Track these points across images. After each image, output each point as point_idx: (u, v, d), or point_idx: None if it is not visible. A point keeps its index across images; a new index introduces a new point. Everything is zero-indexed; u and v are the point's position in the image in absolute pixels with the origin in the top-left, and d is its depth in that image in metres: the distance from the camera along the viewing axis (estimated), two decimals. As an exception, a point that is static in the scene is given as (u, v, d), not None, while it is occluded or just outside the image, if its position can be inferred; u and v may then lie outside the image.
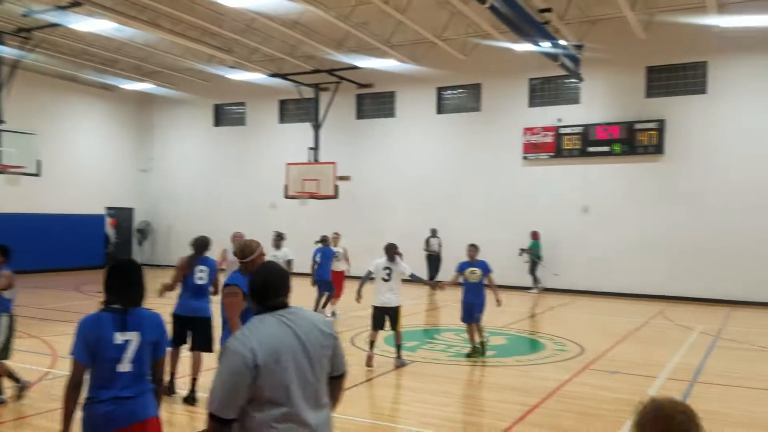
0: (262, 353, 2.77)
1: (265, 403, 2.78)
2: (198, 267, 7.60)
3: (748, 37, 16.92)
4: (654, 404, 2.10)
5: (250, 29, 19.93)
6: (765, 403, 7.75)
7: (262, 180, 24.56)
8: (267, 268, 3.18)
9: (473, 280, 9.93)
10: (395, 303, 9.36)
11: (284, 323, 2.93)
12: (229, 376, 2.76)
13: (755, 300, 16.78)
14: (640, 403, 2.15)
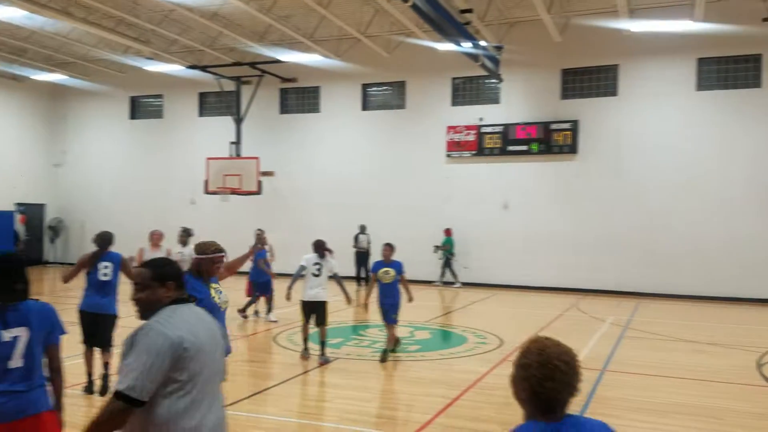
0: (188, 339, 2.79)
1: (176, 390, 2.75)
2: (102, 263, 7.49)
3: (657, 41, 17.86)
4: (539, 348, 2.18)
5: (168, 20, 19.35)
6: (667, 390, 8.23)
7: (181, 175, 23.90)
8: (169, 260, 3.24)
9: (386, 280, 9.63)
10: (324, 298, 9.55)
11: (198, 314, 3.01)
12: (151, 356, 2.69)
13: (662, 292, 17.77)
14: (526, 343, 2.23)
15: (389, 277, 9.61)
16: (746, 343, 11.40)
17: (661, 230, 17.98)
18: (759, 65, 17.31)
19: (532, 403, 2.16)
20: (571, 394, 2.16)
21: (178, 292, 3.02)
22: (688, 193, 17.75)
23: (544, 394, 2.13)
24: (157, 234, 10.38)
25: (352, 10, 18.23)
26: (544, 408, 2.14)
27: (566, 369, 2.15)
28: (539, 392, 2.13)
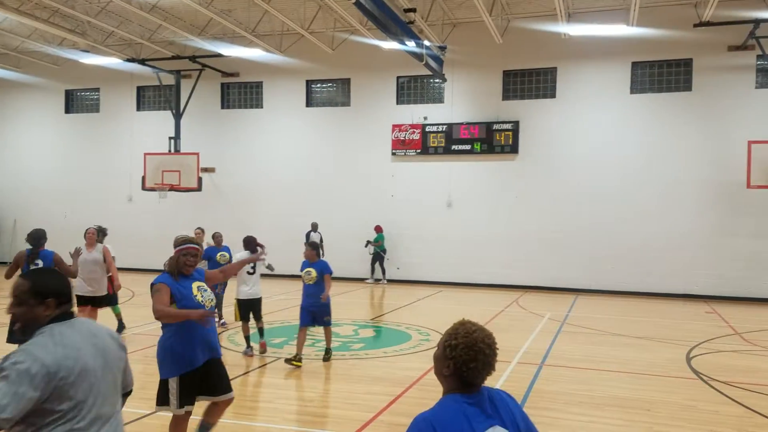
0: (66, 365, 2.54)
1: (57, 420, 2.53)
2: (35, 261, 7.81)
3: (593, 45, 18.40)
4: (466, 332, 2.35)
5: (105, 11, 18.75)
6: (603, 383, 8.50)
7: (118, 171, 23.22)
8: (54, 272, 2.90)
9: (308, 281, 9.11)
10: (260, 294, 9.59)
11: (84, 331, 2.72)
12: (22, 385, 2.42)
13: (598, 288, 18.34)
14: (453, 325, 2.41)
15: (310, 278, 9.08)
16: (677, 337, 11.88)
17: (597, 228, 18.54)
18: (690, 69, 18.05)
19: (455, 379, 2.34)
20: (489, 373, 2.36)
21: (61, 309, 2.71)
22: (623, 193, 18.36)
23: (468, 373, 2.31)
24: (92, 232, 10.03)
25: (295, 5, 18.07)
26: (465, 384, 2.33)
27: (489, 351, 2.35)
28: (463, 371, 2.31)
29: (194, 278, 5.19)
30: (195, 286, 5.12)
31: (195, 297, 5.04)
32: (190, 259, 5.14)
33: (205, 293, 5.13)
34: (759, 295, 17.17)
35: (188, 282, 5.12)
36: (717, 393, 7.99)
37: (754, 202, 17.15)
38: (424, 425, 2.24)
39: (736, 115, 17.51)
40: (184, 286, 5.05)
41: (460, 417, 2.26)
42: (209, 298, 5.14)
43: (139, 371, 8.54)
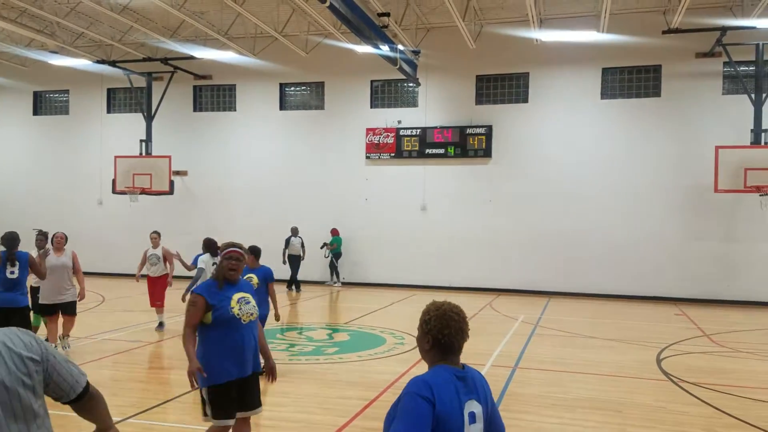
0: None
1: None
2: (13, 263, 8.06)
3: (564, 50, 18.62)
4: (436, 306, 2.72)
5: (75, 12, 18.46)
6: (575, 385, 8.58)
7: (88, 174, 22.86)
8: None
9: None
10: None
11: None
12: None
13: (571, 290, 18.54)
14: (426, 306, 2.75)
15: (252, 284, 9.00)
16: (647, 338, 12.05)
17: (569, 232, 18.75)
18: (659, 75, 18.38)
19: (435, 350, 2.66)
20: (463, 339, 2.69)
21: None
22: (595, 196, 18.60)
23: (444, 340, 2.64)
24: (60, 237, 9.75)
25: (268, 8, 17.99)
26: (445, 352, 2.65)
27: (458, 318, 2.68)
28: (439, 339, 2.64)
29: (240, 287, 4.84)
30: (236, 297, 4.74)
31: (231, 309, 4.68)
32: (233, 264, 4.77)
33: (246, 306, 4.75)
34: (726, 297, 17.51)
35: (231, 291, 4.76)
36: (686, 394, 8.11)
37: (721, 206, 17.50)
38: (422, 384, 2.51)
39: (704, 120, 17.86)
40: (224, 296, 4.71)
41: (451, 384, 2.56)
42: (248, 311, 4.75)
43: (107, 377, 8.41)
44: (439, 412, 2.45)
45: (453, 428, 2.47)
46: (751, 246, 17.49)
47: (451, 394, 2.52)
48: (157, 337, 11.42)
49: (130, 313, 13.67)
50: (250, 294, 4.88)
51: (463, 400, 2.55)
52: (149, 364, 9.64)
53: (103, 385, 7.81)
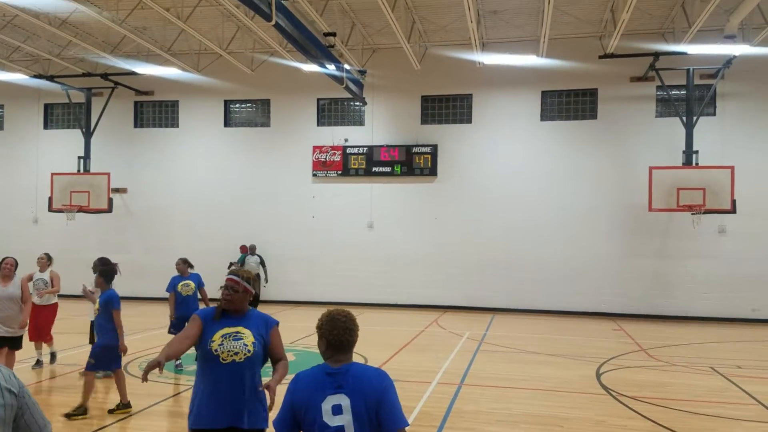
0: None
1: None
2: None
3: (506, 73, 19.11)
4: (328, 313, 3.10)
5: (11, 26, 17.88)
6: (519, 401, 8.71)
7: (23, 191, 22.01)
8: None
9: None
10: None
11: None
12: None
13: (514, 307, 18.85)
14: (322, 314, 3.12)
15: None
16: (587, 354, 12.35)
17: (512, 249, 19.10)
18: (595, 98, 19.05)
19: (329, 351, 3.04)
20: (352, 336, 3.07)
21: None
22: (535, 215, 19.04)
23: (333, 339, 3.02)
24: (11, 263, 8.57)
25: (213, 25, 17.84)
26: (335, 352, 3.03)
27: (344, 319, 3.07)
28: (330, 339, 3.03)
29: (239, 321, 4.17)
30: (222, 332, 4.10)
31: (210, 343, 4.05)
32: (225, 293, 4.20)
33: (230, 342, 4.06)
34: (662, 312, 18.14)
35: (224, 324, 4.14)
36: (625, 408, 8.34)
37: (656, 224, 18.17)
38: (293, 380, 3.06)
39: (639, 142, 18.57)
40: (212, 329, 4.13)
41: (316, 381, 2.97)
42: (230, 349, 4.03)
43: (41, 403, 8.04)
44: (294, 402, 2.95)
45: (310, 417, 2.90)
46: (684, 262, 18.19)
47: (311, 388, 2.96)
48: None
49: (65, 336, 13.15)
50: (252, 331, 4.15)
51: (326, 394, 2.93)
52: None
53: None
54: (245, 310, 4.25)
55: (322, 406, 2.88)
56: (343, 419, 2.85)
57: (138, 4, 15.56)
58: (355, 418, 2.87)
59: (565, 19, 17.13)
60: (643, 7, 15.96)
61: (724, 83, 17.83)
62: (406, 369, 10.54)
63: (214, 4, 16.32)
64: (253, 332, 4.15)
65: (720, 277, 17.92)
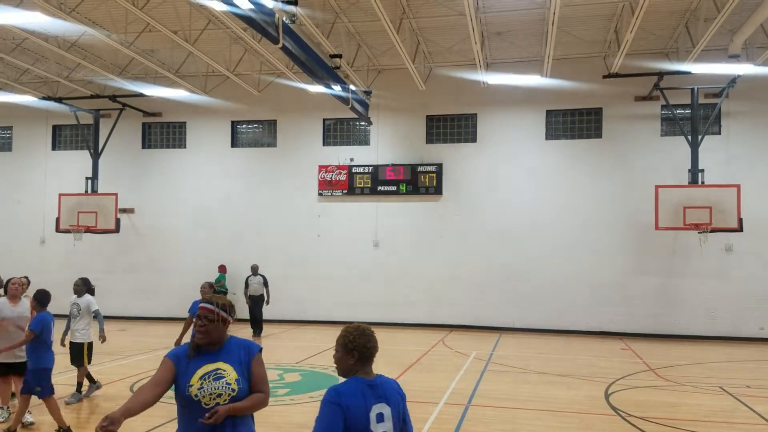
0: None
1: None
2: None
3: (510, 93, 19.22)
4: (356, 327, 3.28)
5: (21, 48, 18.13)
6: (527, 422, 8.65)
7: (30, 212, 22.15)
8: None
9: None
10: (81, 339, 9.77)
11: None
12: None
13: (521, 326, 18.77)
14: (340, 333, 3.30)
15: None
16: (595, 374, 12.27)
17: (518, 268, 19.06)
18: (600, 118, 19.11)
19: (358, 364, 3.23)
20: (377, 349, 3.29)
21: None
22: (541, 234, 19.02)
23: (367, 352, 3.24)
24: (19, 283, 8.14)
25: (220, 48, 18.05)
26: (364, 364, 3.24)
27: (370, 332, 3.30)
28: (364, 352, 3.22)
29: (217, 356, 3.70)
30: (201, 372, 3.60)
31: (189, 388, 3.56)
32: (198, 324, 3.70)
33: (212, 383, 3.59)
34: (668, 331, 18.02)
35: (202, 362, 3.65)
36: (634, 429, 8.27)
37: (662, 243, 18.12)
38: (334, 393, 3.12)
39: (644, 161, 18.59)
40: (189, 369, 3.62)
41: (360, 392, 3.14)
42: (212, 391, 3.57)
43: (47, 423, 8.03)
44: (347, 414, 3.06)
45: (360, 426, 3.07)
46: (690, 281, 18.11)
47: (358, 399, 3.11)
48: (104, 380, 11.01)
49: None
50: (233, 366, 3.68)
51: (370, 404, 3.13)
52: (90, 409, 9.26)
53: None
54: (223, 341, 3.75)
55: (370, 415, 3.12)
56: (385, 426, 3.15)
57: (146, 27, 15.77)
58: (394, 423, 3.20)
59: (569, 40, 17.27)
60: (647, 27, 16.08)
61: (729, 102, 17.89)
62: (413, 389, 10.48)
63: (221, 28, 16.53)
64: (236, 367, 3.67)
65: (727, 296, 17.82)
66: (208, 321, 3.69)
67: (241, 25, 14.45)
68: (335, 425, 3.04)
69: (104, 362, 12.77)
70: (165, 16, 15.34)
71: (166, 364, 3.64)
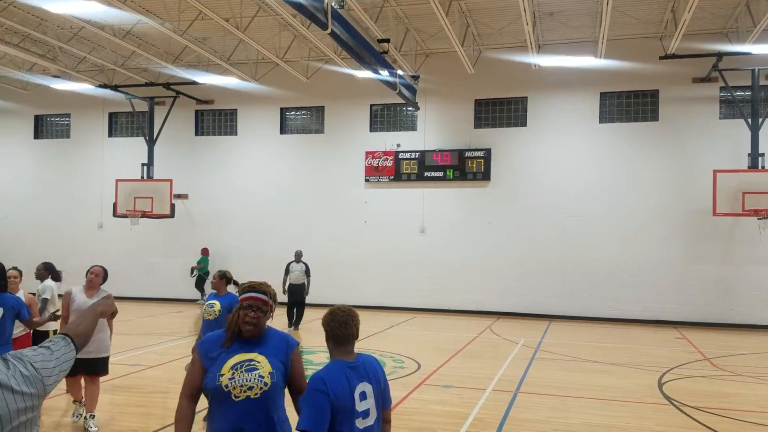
0: None
1: None
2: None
3: (562, 75, 18.82)
4: (330, 310, 3.34)
5: (78, 37, 18.67)
6: (577, 410, 8.55)
7: (88, 197, 22.92)
8: None
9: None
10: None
11: None
12: None
13: (571, 314, 18.51)
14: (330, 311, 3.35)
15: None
16: (648, 363, 12.02)
17: (569, 254, 18.76)
18: (656, 100, 18.55)
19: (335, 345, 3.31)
20: (351, 330, 3.32)
21: None
22: (593, 219, 18.65)
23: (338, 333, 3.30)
24: (94, 272, 7.29)
25: (270, 35, 18.21)
26: (340, 345, 3.31)
27: (341, 314, 3.32)
28: (336, 336, 3.30)
29: (254, 346, 3.44)
30: (233, 361, 3.35)
31: (219, 377, 3.31)
32: (250, 315, 3.43)
33: (244, 375, 3.32)
34: (726, 320, 17.48)
35: (237, 351, 3.40)
36: (688, 419, 8.09)
37: (719, 229, 17.55)
38: (318, 380, 3.14)
39: (702, 144, 17.99)
40: (221, 358, 3.38)
41: (343, 375, 3.20)
42: (244, 383, 3.30)
43: (106, 402, 8.36)
44: (334, 399, 3.11)
45: (347, 407, 3.15)
46: (749, 269, 17.50)
47: (342, 382, 3.17)
48: (157, 361, 11.38)
49: (128, 337, 13.63)
50: (269, 359, 3.42)
51: (354, 385, 3.21)
52: (149, 388, 9.59)
53: (102, 410, 7.79)
54: (263, 331, 3.52)
55: (354, 395, 3.21)
56: (367, 403, 3.25)
57: (198, 15, 16.02)
58: (375, 399, 3.30)
59: (625, 20, 16.78)
60: (705, 7, 15.48)
61: (793, 83, 17.11)
62: (460, 375, 10.49)
63: (271, 14, 16.66)
64: (271, 359, 3.41)
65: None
66: (262, 312, 3.47)
67: (290, 11, 14.55)
68: (323, 414, 3.08)
69: (162, 342, 13.18)
70: (217, 4, 15.55)
71: (195, 362, 3.46)
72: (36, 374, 2.18)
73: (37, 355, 2.25)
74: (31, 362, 2.20)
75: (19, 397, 2.08)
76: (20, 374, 2.13)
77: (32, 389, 2.14)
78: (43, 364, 2.23)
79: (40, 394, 2.18)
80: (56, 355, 2.31)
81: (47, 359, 2.26)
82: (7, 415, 2.03)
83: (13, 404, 2.05)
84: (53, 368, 2.27)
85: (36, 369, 2.19)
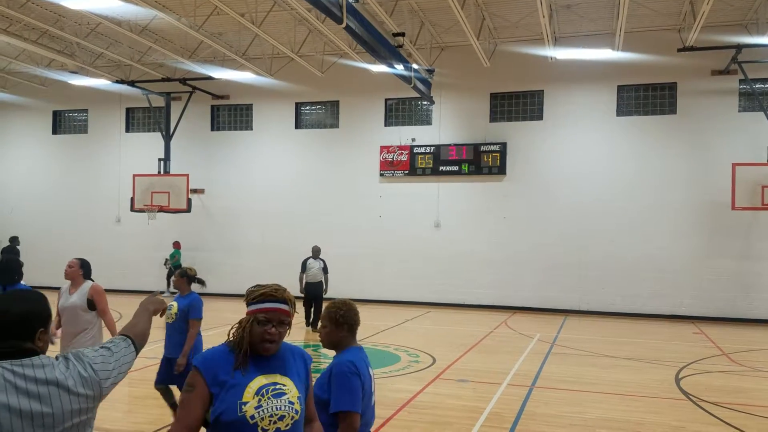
0: None
1: None
2: None
3: (579, 68, 18.66)
4: (343, 303, 3.59)
5: (95, 33, 18.81)
6: (593, 405, 8.51)
7: (106, 192, 23.13)
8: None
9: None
10: None
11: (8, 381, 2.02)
12: None
13: (587, 309, 18.40)
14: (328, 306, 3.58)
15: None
16: (665, 358, 11.93)
17: (585, 249, 18.64)
18: (675, 93, 18.34)
19: (350, 336, 3.55)
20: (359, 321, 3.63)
21: None
22: (610, 214, 18.51)
23: (355, 324, 3.57)
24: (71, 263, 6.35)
25: (285, 29, 18.23)
26: (354, 335, 3.57)
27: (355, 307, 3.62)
28: (353, 324, 3.56)
29: (275, 366, 2.71)
30: (255, 386, 2.60)
31: (242, 407, 2.54)
32: (271, 332, 2.67)
33: (272, 402, 2.59)
34: (744, 315, 17.30)
35: (254, 373, 2.64)
36: (706, 414, 8.02)
37: (738, 223, 17.35)
38: (348, 363, 3.34)
39: (721, 138, 17.77)
40: (236, 382, 2.58)
41: (363, 360, 3.52)
42: (273, 411, 2.57)
43: (124, 394, 8.46)
44: (363, 381, 3.38)
45: (368, 390, 3.46)
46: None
47: (364, 366, 3.47)
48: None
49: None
50: (293, 380, 2.72)
51: (370, 367, 3.57)
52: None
53: (120, 401, 7.89)
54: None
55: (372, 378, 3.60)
56: (373, 385, 3.62)
57: (214, 10, 16.08)
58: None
59: (642, 12, 16.59)
60: (725, -3, 15.28)
61: (815, 74, 16.84)
62: (475, 369, 10.48)
63: (286, 9, 16.68)
64: (295, 381, 2.73)
65: (810, 280, 16.93)
66: (285, 326, 2.73)
67: (305, 5, 14.54)
68: (359, 394, 3.31)
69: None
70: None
71: (198, 388, 2.58)
72: (94, 376, 2.19)
73: (97, 356, 2.25)
74: (91, 363, 2.21)
75: (74, 398, 2.10)
76: (78, 374, 2.15)
77: (89, 391, 2.16)
78: (103, 366, 2.25)
79: (96, 396, 2.19)
80: (116, 357, 2.32)
81: (107, 360, 2.27)
82: (61, 415, 2.06)
83: (68, 405, 2.08)
84: (112, 370, 2.28)
85: (95, 371, 2.21)
